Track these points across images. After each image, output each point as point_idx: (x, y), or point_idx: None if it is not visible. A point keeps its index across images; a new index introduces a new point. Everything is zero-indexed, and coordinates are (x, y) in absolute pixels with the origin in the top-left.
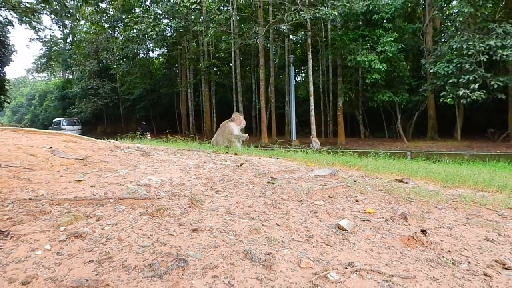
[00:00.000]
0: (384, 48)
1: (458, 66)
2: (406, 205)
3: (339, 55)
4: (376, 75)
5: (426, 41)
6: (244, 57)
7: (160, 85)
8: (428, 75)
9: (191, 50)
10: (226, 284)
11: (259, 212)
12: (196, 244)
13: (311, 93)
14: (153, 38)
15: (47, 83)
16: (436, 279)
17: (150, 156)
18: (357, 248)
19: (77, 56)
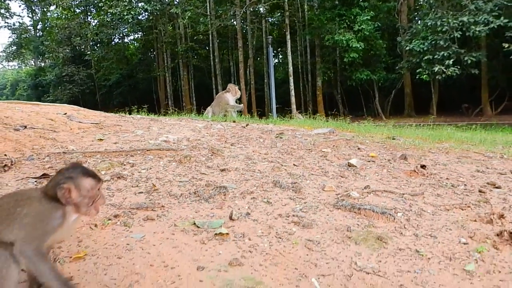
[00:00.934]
0: (361, 27)
1: (433, 43)
2: (403, 151)
3: (317, 35)
4: (354, 54)
5: (401, 20)
6: (221, 39)
7: (137, 70)
8: (404, 53)
9: (167, 33)
10: (265, 202)
11: (275, 157)
12: (229, 179)
13: (291, 73)
14: (129, 22)
15: (18, 72)
16: (439, 195)
17: (159, 121)
18: (369, 179)
19: (49, 43)
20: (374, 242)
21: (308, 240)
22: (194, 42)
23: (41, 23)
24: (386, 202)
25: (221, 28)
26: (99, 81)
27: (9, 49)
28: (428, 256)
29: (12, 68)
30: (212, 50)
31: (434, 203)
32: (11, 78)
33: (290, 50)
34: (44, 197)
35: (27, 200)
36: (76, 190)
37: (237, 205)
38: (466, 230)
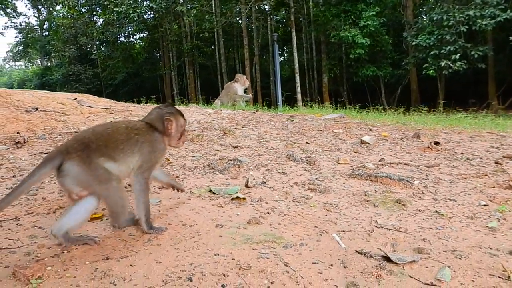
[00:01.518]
0: (366, 22)
1: (439, 37)
2: (416, 131)
3: (322, 32)
4: (360, 50)
5: (406, 15)
6: (227, 37)
7: (142, 69)
8: (410, 48)
9: (173, 32)
10: (280, 173)
11: (287, 137)
12: (242, 155)
13: (297, 70)
14: (134, 20)
15: (25, 71)
16: (455, 166)
17: None
18: (383, 154)
19: (56, 42)
20: (393, 205)
21: (326, 203)
22: (200, 40)
23: (47, 23)
24: (402, 172)
25: (227, 26)
26: (106, 80)
27: (15, 49)
28: (449, 215)
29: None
30: (218, 48)
31: (450, 173)
32: (18, 77)
33: (295, 47)
34: (149, 128)
35: (140, 130)
36: (175, 123)
37: (252, 176)
38: (485, 195)
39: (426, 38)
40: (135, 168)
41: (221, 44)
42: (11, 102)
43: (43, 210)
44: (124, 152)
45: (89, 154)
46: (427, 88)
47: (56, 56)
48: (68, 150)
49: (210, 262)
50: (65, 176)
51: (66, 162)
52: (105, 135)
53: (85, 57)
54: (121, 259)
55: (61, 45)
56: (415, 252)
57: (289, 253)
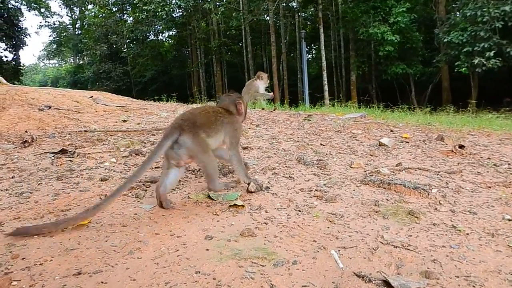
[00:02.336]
0: (396, 19)
1: (472, 34)
2: (440, 133)
3: (350, 29)
4: (389, 47)
5: (438, 11)
6: (254, 35)
7: (171, 66)
8: (441, 45)
9: (201, 29)
10: (287, 177)
11: (301, 137)
12: (251, 156)
13: (324, 68)
14: (163, 19)
15: (58, 69)
16: (480, 173)
17: (185, 105)
18: (401, 158)
19: (87, 40)
20: (404, 217)
21: (331, 213)
22: (227, 38)
23: (80, 22)
24: (419, 179)
25: (254, 23)
26: (135, 78)
27: (49, 48)
28: (467, 231)
29: (53, 66)
30: (245, 45)
31: (473, 181)
32: (52, 75)
33: (323, 44)
34: (226, 112)
35: (222, 113)
36: (244, 105)
37: (256, 180)
38: (511, 207)
39: (458, 34)
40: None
41: (248, 41)
42: (26, 100)
43: (32, 215)
44: (215, 130)
45: (197, 131)
46: (459, 87)
47: (87, 54)
48: (182, 127)
49: (188, 282)
50: (181, 147)
51: (182, 136)
52: (202, 117)
53: (115, 55)
54: (94, 274)
55: (92, 44)
56: (422, 276)
57: (279, 272)
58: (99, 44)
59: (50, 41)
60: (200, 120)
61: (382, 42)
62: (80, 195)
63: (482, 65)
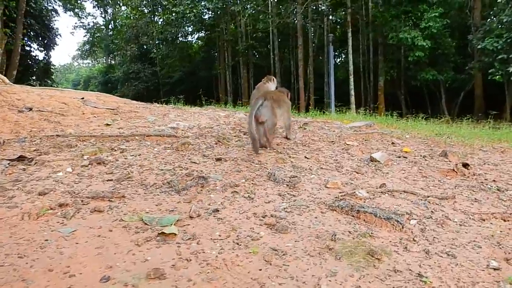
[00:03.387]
0: (428, 24)
1: (508, 41)
2: (447, 147)
3: (380, 33)
4: (420, 53)
5: (473, 16)
6: (282, 38)
7: (199, 68)
8: (475, 52)
9: (229, 32)
10: (246, 198)
11: (287, 148)
12: (219, 170)
13: (351, 72)
14: (191, 20)
15: (91, 69)
16: (478, 200)
17: (182, 109)
18: (391, 176)
19: (119, 41)
20: (362, 258)
21: (273, 249)
22: (254, 40)
23: (113, 23)
24: (400, 206)
25: (282, 26)
26: (163, 78)
27: (83, 48)
28: (434, 284)
29: (86, 66)
30: (272, 48)
31: (466, 210)
32: (85, 75)
33: (351, 48)
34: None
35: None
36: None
37: (210, 199)
38: (502, 250)
39: (493, 41)
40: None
41: (275, 44)
42: (10, 101)
43: None
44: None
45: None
46: (493, 95)
47: (118, 55)
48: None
49: None
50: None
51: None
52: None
53: (145, 56)
54: None
55: (123, 44)
56: None
57: None
58: (130, 44)
59: (84, 42)
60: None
61: (412, 48)
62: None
63: None
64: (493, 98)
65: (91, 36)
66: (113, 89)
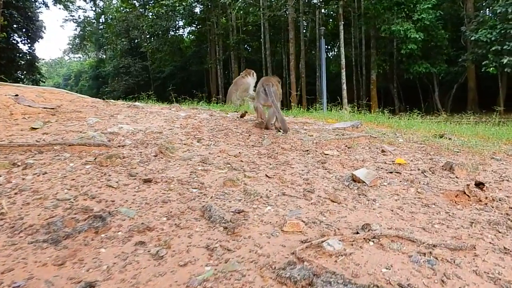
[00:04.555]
0: (421, 16)
1: (502, 32)
2: (451, 156)
3: (372, 26)
4: (412, 45)
5: (466, 8)
6: (274, 31)
7: (190, 62)
8: (468, 44)
9: (220, 25)
10: (152, 256)
11: (246, 162)
12: (139, 199)
13: (343, 66)
14: (181, 13)
15: (82, 63)
16: (509, 251)
17: (139, 108)
18: (379, 206)
19: (109, 35)
20: None
21: None
22: (246, 34)
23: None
24: (392, 268)
25: (273, 20)
26: (154, 73)
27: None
28: None
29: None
30: (264, 42)
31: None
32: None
33: (342, 41)
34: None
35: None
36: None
37: (97, 259)
38: None
39: (487, 32)
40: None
41: (267, 38)
42: None
43: None
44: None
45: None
46: (487, 87)
47: (108, 49)
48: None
49: None
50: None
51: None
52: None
53: (136, 50)
54: None
55: (113, 38)
56: None
57: None
58: (120, 38)
59: (75, 35)
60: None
61: (405, 40)
62: None
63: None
64: (487, 90)
65: (82, 30)
66: (104, 84)
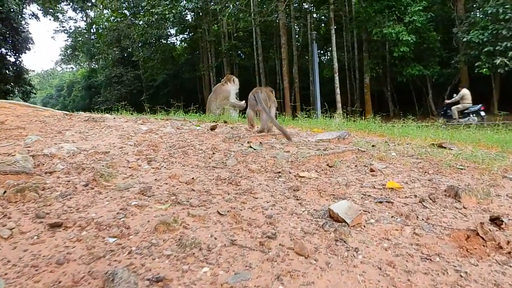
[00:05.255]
0: (412, 18)
1: (494, 33)
2: (454, 175)
3: (364, 29)
4: (405, 48)
5: (457, 9)
6: (266, 37)
7: (182, 70)
8: (460, 45)
9: (211, 32)
10: None
11: (198, 192)
12: (27, 258)
13: (336, 70)
14: (171, 21)
15: (74, 74)
16: None
17: (97, 122)
18: (362, 262)
19: (100, 44)
20: None
21: None
22: (238, 41)
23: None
24: None
25: (264, 25)
26: (146, 82)
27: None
28: None
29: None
30: (256, 48)
31: None
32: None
33: (335, 45)
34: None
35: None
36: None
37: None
38: None
39: (479, 33)
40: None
41: (259, 44)
42: None
43: None
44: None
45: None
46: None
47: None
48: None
49: None
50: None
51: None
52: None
53: (128, 59)
54: None
55: (105, 48)
56: None
57: None
58: (112, 48)
59: (66, 46)
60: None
61: (397, 43)
62: None
63: (505, 66)
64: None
65: (73, 40)
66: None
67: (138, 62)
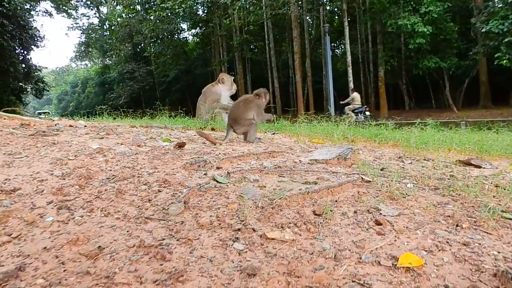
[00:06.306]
0: (428, 8)
1: None
2: (501, 231)
3: (378, 21)
4: (420, 40)
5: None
6: (278, 30)
7: (195, 65)
8: (479, 36)
9: (223, 27)
10: None
11: (95, 277)
12: None
13: (349, 63)
14: (182, 16)
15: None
16: None
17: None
18: None
19: (113, 41)
20: None
21: None
22: (249, 34)
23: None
24: None
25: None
26: (158, 78)
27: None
28: None
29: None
30: (268, 42)
31: None
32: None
33: (348, 38)
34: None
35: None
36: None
37: None
38: None
39: (498, 23)
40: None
41: (271, 37)
42: None
43: None
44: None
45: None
46: (499, 80)
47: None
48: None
49: None
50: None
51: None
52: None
53: (140, 55)
54: None
55: (117, 44)
56: None
57: None
58: (124, 44)
59: (79, 43)
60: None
61: (412, 34)
62: None
63: None
64: (499, 84)
65: (86, 37)
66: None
67: (150, 57)
